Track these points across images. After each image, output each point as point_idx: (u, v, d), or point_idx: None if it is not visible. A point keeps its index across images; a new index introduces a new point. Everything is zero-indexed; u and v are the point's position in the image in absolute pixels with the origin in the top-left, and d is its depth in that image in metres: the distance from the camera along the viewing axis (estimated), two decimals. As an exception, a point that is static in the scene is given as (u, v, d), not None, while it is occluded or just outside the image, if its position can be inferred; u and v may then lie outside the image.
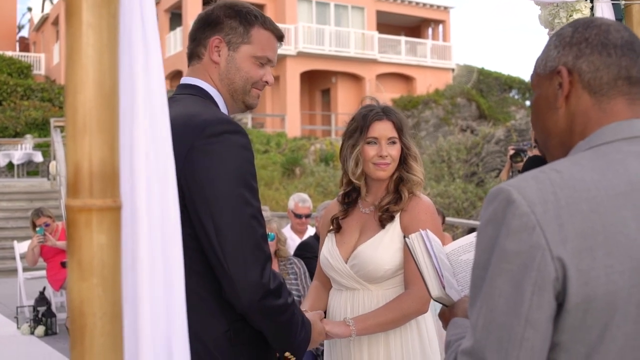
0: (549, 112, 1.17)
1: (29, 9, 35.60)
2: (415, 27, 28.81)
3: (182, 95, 1.77)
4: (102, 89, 0.94)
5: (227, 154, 1.57)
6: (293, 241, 5.51)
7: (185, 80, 1.81)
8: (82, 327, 0.93)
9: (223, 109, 1.78)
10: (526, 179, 1.03)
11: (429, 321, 2.30)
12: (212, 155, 1.56)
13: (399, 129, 2.29)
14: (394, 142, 2.27)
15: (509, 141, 14.22)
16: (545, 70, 1.17)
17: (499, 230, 1.00)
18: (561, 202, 0.99)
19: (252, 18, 1.79)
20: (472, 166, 14.94)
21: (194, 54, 1.81)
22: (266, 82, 1.82)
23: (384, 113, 2.30)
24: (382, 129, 2.27)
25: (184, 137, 1.56)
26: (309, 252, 4.46)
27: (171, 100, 1.77)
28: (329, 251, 2.32)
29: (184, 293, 1.11)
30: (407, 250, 1.57)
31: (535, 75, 1.21)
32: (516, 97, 28.75)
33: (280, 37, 1.85)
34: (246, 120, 23.49)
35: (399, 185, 2.28)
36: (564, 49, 1.14)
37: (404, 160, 2.30)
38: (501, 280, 0.99)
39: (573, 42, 1.13)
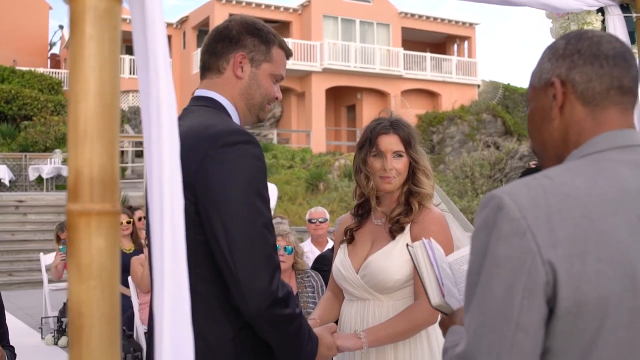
0: (544, 123, 1.18)
1: (61, 27, 36.37)
2: (440, 44, 28.79)
3: (196, 107, 1.81)
4: (103, 99, 0.97)
5: (240, 163, 1.60)
6: (313, 254, 5.53)
7: (200, 92, 1.85)
8: (79, 328, 0.95)
9: (236, 121, 1.82)
10: (518, 185, 1.04)
11: (439, 331, 2.28)
12: (226, 164, 1.59)
13: (406, 142, 2.29)
14: (400, 156, 2.28)
15: (532, 157, 14.07)
16: (540, 83, 1.19)
17: (490, 235, 1.02)
18: (552, 207, 1.00)
19: (271, 37, 1.85)
20: (496, 182, 14.80)
21: (212, 67, 1.84)
22: (276, 98, 1.89)
23: (392, 126, 2.31)
24: (388, 143, 2.29)
25: (199, 146, 1.60)
26: (326, 265, 4.45)
27: (186, 111, 1.83)
28: (341, 262, 2.35)
29: (189, 297, 1.13)
30: None
31: (531, 88, 1.22)
32: (543, 113, 28.44)
33: (289, 56, 1.93)
34: (272, 135, 23.63)
35: (410, 198, 2.28)
36: (557, 61, 1.16)
37: (413, 174, 2.30)
38: (492, 284, 1.01)
39: (566, 54, 1.15)
